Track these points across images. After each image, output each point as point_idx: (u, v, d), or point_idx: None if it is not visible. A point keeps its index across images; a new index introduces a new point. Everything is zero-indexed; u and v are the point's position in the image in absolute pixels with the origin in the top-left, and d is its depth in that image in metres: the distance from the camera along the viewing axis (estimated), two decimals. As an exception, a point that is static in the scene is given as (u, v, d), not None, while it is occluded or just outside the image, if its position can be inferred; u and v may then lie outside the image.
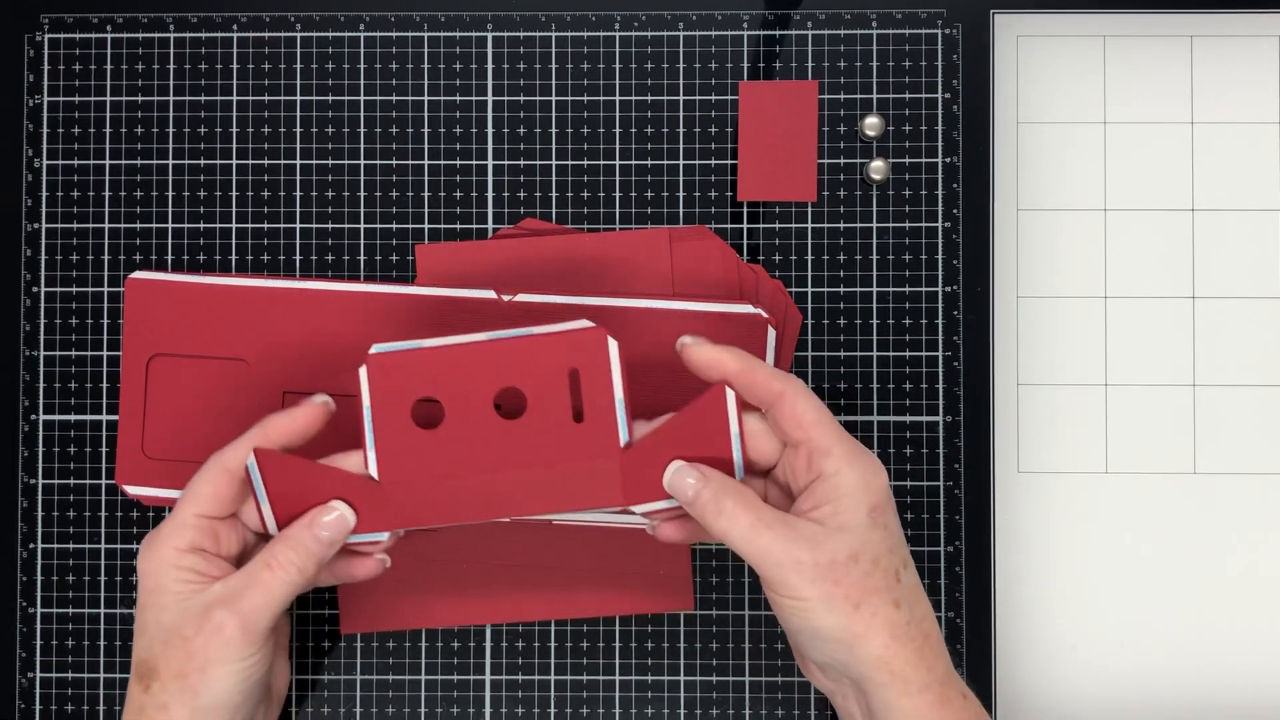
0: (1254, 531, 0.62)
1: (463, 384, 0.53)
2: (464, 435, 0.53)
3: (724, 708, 0.62)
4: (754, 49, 0.63)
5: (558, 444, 0.53)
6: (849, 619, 0.50)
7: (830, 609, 0.50)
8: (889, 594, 0.51)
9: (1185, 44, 0.63)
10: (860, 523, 0.51)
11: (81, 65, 0.63)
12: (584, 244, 0.61)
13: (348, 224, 0.63)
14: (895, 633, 0.51)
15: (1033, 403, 0.62)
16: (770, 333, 0.60)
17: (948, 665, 0.52)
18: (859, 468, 0.51)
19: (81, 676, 0.62)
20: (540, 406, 0.53)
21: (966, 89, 0.62)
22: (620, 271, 0.61)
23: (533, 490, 0.53)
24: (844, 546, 0.50)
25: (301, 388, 0.60)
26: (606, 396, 0.53)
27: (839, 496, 0.51)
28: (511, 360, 0.53)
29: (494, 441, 0.53)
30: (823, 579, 0.50)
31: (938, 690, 0.51)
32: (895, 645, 0.51)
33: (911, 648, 0.51)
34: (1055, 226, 0.63)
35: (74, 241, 0.63)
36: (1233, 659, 0.62)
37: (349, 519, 0.53)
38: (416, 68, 0.63)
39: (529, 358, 0.53)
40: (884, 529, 0.51)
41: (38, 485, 0.62)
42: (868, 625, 0.50)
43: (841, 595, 0.50)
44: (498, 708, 0.62)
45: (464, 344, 0.53)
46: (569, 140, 0.63)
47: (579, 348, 0.53)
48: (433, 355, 0.53)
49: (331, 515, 0.53)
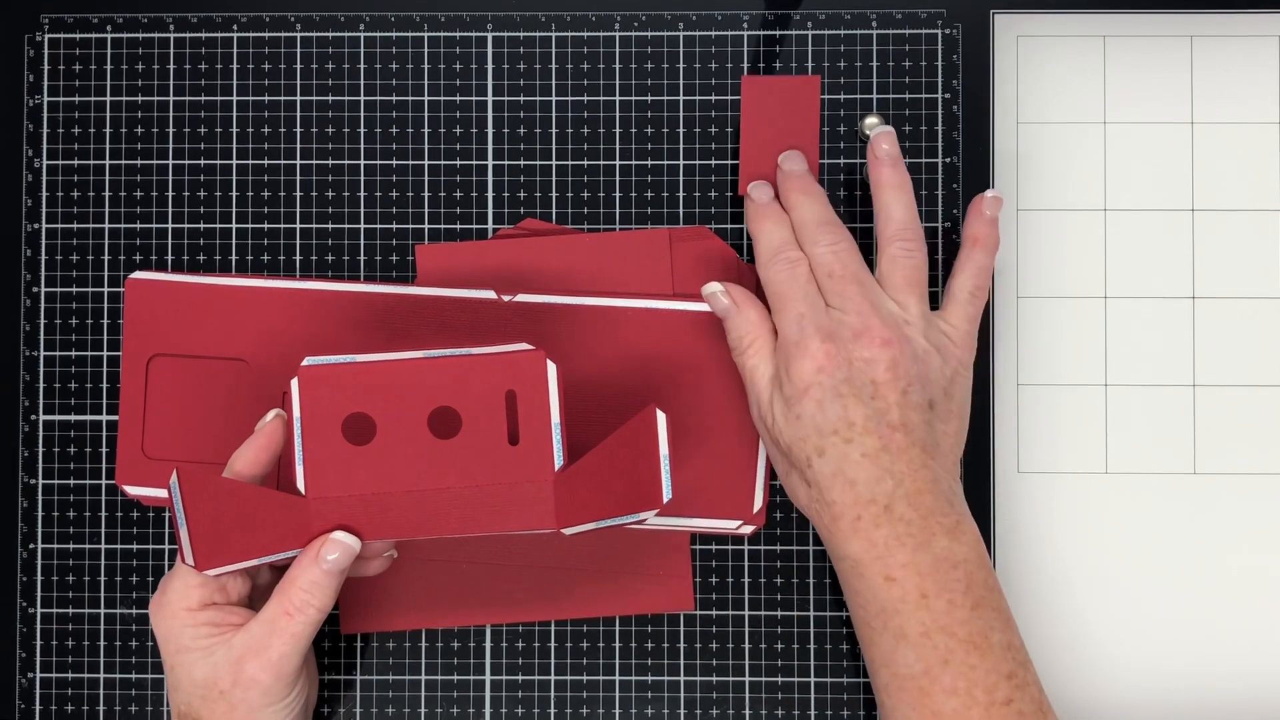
0: (1254, 531, 0.62)
1: (396, 401, 0.53)
2: (395, 452, 0.53)
3: (724, 708, 0.62)
4: (754, 49, 0.63)
5: (491, 465, 0.53)
6: (783, 480, 0.58)
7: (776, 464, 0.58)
8: (801, 473, 0.56)
9: (1185, 44, 0.63)
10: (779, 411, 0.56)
11: (81, 65, 0.63)
12: (584, 244, 0.61)
13: (348, 224, 0.63)
14: (809, 504, 0.56)
15: (1033, 403, 0.62)
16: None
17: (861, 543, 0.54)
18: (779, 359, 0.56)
19: (81, 676, 0.62)
20: (475, 427, 0.53)
21: (966, 89, 0.62)
22: (620, 271, 0.61)
23: (463, 510, 0.53)
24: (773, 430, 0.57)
25: (301, 388, 0.60)
26: (543, 420, 0.53)
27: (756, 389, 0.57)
28: (447, 379, 0.53)
29: (425, 460, 0.53)
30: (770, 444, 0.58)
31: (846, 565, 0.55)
32: (810, 513, 0.56)
33: (820, 522, 0.56)
34: (1055, 226, 0.63)
35: (74, 241, 0.63)
36: (1233, 659, 0.62)
37: (352, 545, 0.53)
38: (416, 68, 0.63)
39: (465, 377, 0.53)
40: (796, 419, 0.55)
41: (38, 485, 0.62)
42: (793, 492, 0.57)
43: (778, 461, 0.58)
44: (498, 708, 0.62)
45: (399, 360, 0.53)
46: (569, 140, 0.63)
47: (517, 370, 0.53)
48: (367, 370, 0.53)
49: (334, 546, 0.53)
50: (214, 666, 0.54)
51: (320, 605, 0.53)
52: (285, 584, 0.54)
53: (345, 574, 0.54)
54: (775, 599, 0.62)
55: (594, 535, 0.61)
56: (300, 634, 0.53)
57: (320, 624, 0.54)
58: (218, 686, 0.53)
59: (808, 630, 0.62)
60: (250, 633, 0.54)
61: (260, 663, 0.53)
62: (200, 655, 0.54)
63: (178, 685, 0.55)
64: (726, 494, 0.60)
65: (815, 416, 0.54)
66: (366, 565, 0.57)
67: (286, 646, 0.53)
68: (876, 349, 0.54)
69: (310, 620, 0.53)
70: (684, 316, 0.60)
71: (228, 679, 0.53)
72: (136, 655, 0.62)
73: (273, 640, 0.53)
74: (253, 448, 0.55)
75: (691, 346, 0.60)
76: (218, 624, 0.54)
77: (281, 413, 0.56)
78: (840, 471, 0.54)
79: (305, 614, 0.53)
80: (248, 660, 0.53)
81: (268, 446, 0.55)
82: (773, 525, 0.62)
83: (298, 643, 0.53)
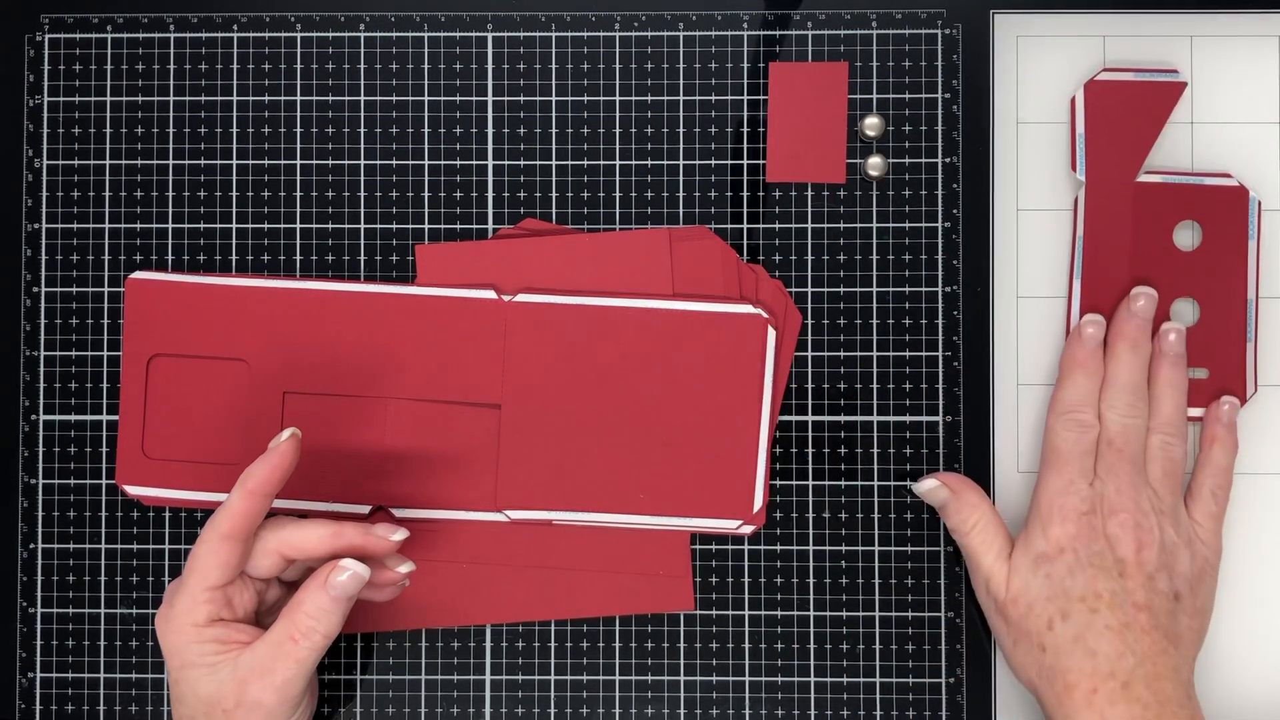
0: (1254, 531, 0.62)
1: None
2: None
3: (724, 708, 0.62)
4: (754, 49, 0.63)
5: None
6: (1009, 652, 0.58)
7: (1001, 638, 0.58)
8: (1037, 637, 0.56)
9: (1185, 44, 0.63)
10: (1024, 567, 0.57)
11: (81, 65, 0.63)
12: (584, 244, 0.61)
13: (348, 224, 0.63)
14: (1040, 673, 0.56)
15: (1033, 403, 0.62)
16: (770, 333, 0.60)
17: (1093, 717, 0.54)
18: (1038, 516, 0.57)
19: (81, 676, 0.62)
20: None
21: (966, 89, 0.62)
22: (620, 271, 0.61)
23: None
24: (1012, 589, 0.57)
25: (301, 388, 0.60)
26: None
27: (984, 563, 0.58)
28: None
29: None
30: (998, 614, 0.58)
31: None
32: (1039, 684, 0.56)
33: (1050, 692, 0.55)
34: (1056, 226, 0.62)
35: (74, 241, 0.63)
36: (1233, 658, 0.62)
37: (362, 572, 0.54)
38: (416, 68, 0.63)
39: None
40: (1045, 577, 0.56)
41: (38, 485, 0.62)
42: (1021, 663, 0.57)
43: (1005, 630, 0.57)
44: (498, 708, 0.62)
45: None
46: (569, 140, 0.63)
47: None
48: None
49: (344, 575, 0.53)
50: (219, 685, 0.53)
51: (326, 631, 0.53)
52: (292, 607, 0.54)
53: (353, 600, 0.54)
54: (775, 599, 0.62)
55: (594, 535, 0.61)
56: (305, 659, 0.53)
57: (326, 649, 0.54)
58: (221, 705, 0.54)
59: (808, 630, 0.62)
60: (256, 654, 0.53)
61: (264, 685, 0.53)
62: (206, 672, 0.54)
63: (182, 699, 0.55)
64: (726, 494, 0.60)
65: (1065, 580, 0.55)
66: (378, 592, 0.57)
67: (291, 671, 0.53)
68: (1130, 530, 0.56)
69: (315, 646, 0.53)
70: (684, 316, 0.60)
71: (231, 699, 0.53)
72: (137, 655, 0.62)
73: (278, 665, 0.53)
74: (265, 466, 0.54)
75: (691, 346, 0.60)
76: (224, 641, 0.54)
77: (297, 432, 0.55)
78: (1081, 639, 0.54)
79: (311, 639, 0.53)
80: (252, 682, 0.53)
81: (280, 466, 0.54)
82: (773, 525, 0.62)
83: (303, 668, 0.53)
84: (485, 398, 0.60)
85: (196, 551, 0.54)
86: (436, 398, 0.60)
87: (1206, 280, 0.61)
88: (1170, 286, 0.61)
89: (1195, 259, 0.61)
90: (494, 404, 0.60)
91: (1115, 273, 0.61)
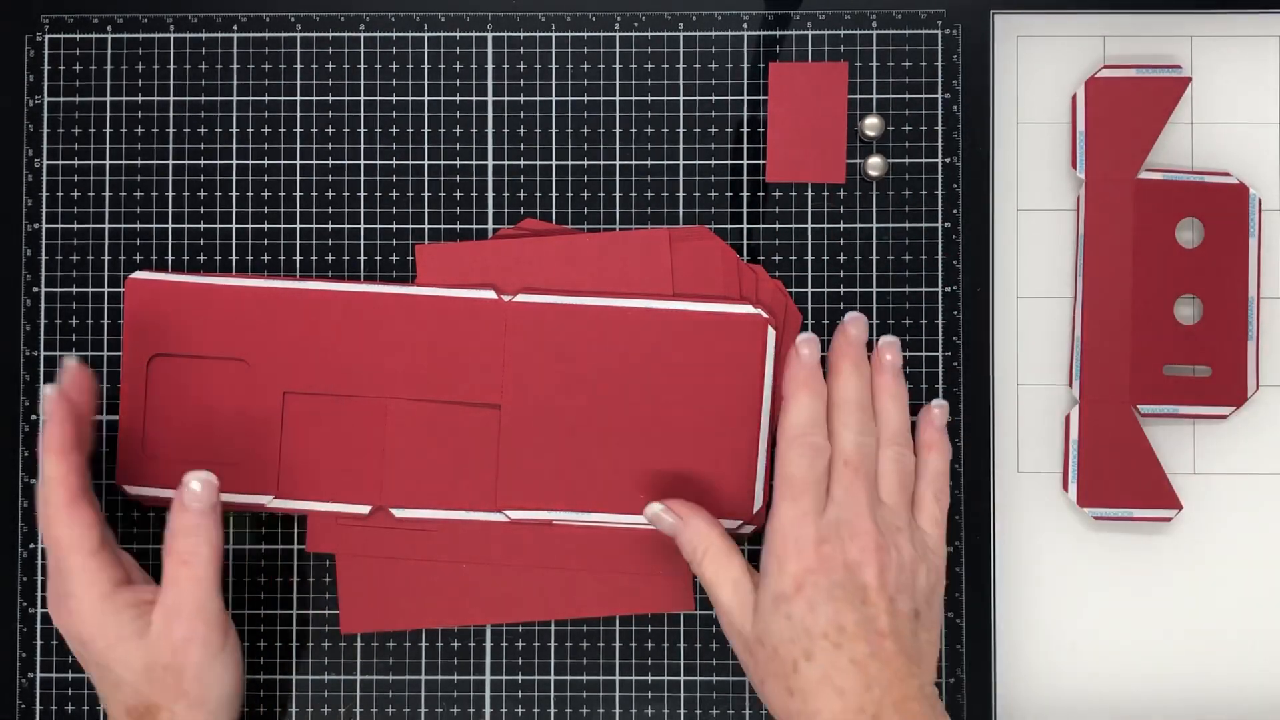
0: (1254, 531, 0.62)
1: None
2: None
3: (724, 708, 0.62)
4: (754, 49, 0.63)
5: None
6: (759, 690, 0.56)
7: (750, 674, 0.56)
8: (783, 680, 0.54)
9: (1185, 44, 0.63)
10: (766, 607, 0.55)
11: (81, 65, 0.63)
12: (584, 244, 0.61)
13: (348, 224, 0.63)
14: (790, 717, 0.54)
15: (1033, 403, 0.62)
16: (770, 333, 0.60)
17: None
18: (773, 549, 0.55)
19: (82, 676, 0.62)
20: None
21: (966, 89, 0.62)
22: (620, 271, 0.61)
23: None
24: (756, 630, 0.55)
25: (301, 388, 0.60)
26: None
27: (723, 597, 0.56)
28: None
29: None
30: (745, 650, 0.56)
31: None
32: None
33: None
34: (1056, 227, 0.63)
35: (74, 241, 0.63)
36: (1234, 658, 0.62)
37: (206, 477, 0.55)
38: (416, 68, 0.63)
39: None
40: (786, 619, 0.54)
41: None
42: (770, 704, 0.55)
43: (753, 668, 0.56)
44: (498, 708, 0.62)
45: None
46: (569, 140, 0.63)
47: None
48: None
49: (193, 484, 0.55)
50: (150, 646, 0.54)
51: (209, 543, 0.55)
52: (168, 539, 0.55)
53: (219, 508, 0.55)
54: (775, 599, 0.62)
55: (594, 535, 0.61)
56: (205, 576, 0.54)
57: (219, 559, 0.55)
58: (159, 662, 0.54)
59: (808, 630, 0.62)
60: (165, 598, 0.55)
61: (185, 618, 0.54)
62: (135, 639, 0.54)
63: (118, 684, 0.55)
64: (726, 494, 0.60)
65: (806, 619, 0.54)
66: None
67: (199, 591, 0.54)
68: (871, 554, 0.55)
69: (206, 559, 0.55)
70: (684, 316, 0.60)
71: (166, 651, 0.54)
72: (136, 655, 0.62)
73: (185, 594, 0.54)
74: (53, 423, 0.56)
75: (691, 346, 0.60)
76: (137, 604, 0.55)
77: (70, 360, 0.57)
78: (828, 678, 0.53)
79: (199, 554, 0.54)
80: (174, 623, 0.54)
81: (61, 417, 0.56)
82: (773, 525, 0.62)
83: (206, 585, 0.55)
84: (485, 398, 0.60)
85: (55, 534, 0.55)
86: (436, 398, 0.60)
87: (1208, 278, 0.61)
88: (1172, 284, 0.61)
89: (1197, 256, 0.61)
90: (494, 404, 0.61)
91: (1117, 269, 0.61)
